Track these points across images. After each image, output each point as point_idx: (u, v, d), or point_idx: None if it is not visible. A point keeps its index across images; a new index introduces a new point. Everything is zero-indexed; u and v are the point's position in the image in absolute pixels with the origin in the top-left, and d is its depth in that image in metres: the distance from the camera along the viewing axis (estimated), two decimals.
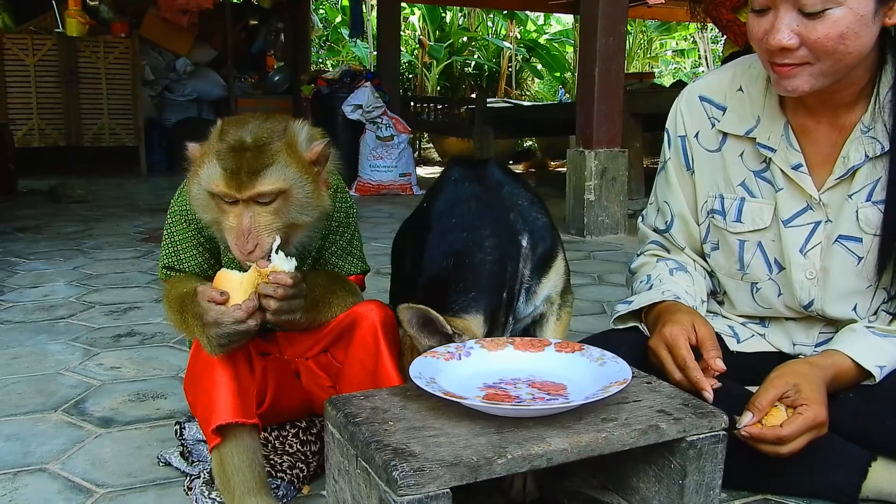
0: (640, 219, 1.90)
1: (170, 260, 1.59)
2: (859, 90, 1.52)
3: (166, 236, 1.60)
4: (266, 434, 1.65)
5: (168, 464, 1.70)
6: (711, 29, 14.17)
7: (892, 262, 1.53)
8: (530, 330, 1.71)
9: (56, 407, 2.05)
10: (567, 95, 14.13)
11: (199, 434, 1.72)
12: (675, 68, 17.27)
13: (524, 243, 1.59)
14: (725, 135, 1.66)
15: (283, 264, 1.38)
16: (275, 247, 1.39)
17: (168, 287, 1.53)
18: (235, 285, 1.37)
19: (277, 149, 1.38)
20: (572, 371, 1.37)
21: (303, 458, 1.64)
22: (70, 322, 2.84)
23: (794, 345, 1.70)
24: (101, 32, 7.62)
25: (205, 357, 1.39)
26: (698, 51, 15.98)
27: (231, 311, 1.34)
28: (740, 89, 1.65)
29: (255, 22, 9.85)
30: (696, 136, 1.71)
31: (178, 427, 1.76)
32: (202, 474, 1.57)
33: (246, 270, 1.39)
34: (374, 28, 11.26)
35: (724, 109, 1.67)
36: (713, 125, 1.68)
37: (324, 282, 1.57)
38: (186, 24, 8.14)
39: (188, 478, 1.60)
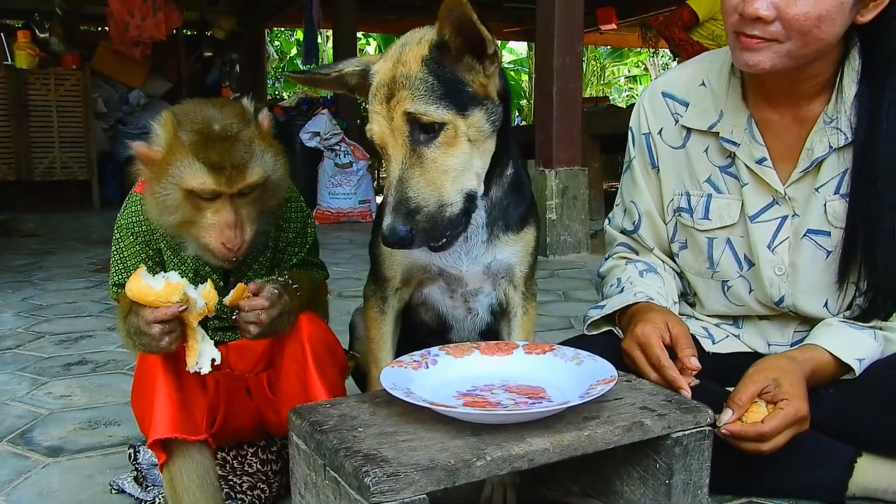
0: (606, 221, 1.86)
1: (119, 277, 1.50)
2: (822, 83, 1.49)
3: (114, 252, 1.52)
4: (224, 454, 1.56)
5: (121, 491, 1.60)
6: (663, 55, 14.46)
7: (857, 258, 1.50)
8: (497, 326, 1.62)
9: (1, 437, 1.92)
10: (523, 122, 14.24)
11: (154, 458, 1.62)
12: (627, 95, 17.58)
13: (508, 171, 1.51)
14: (689, 130, 1.63)
15: (192, 292, 1.26)
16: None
17: (121, 305, 1.44)
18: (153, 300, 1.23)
19: (251, 135, 1.32)
20: (547, 373, 1.31)
21: (264, 478, 1.55)
22: (17, 352, 2.71)
23: (769, 345, 1.66)
24: (52, 65, 7.44)
25: (148, 369, 1.31)
26: (650, 77, 16.30)
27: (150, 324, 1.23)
28: (703, 84, 1.62)
29: (210, 53, 9.77)
30: (660, 133, 1.67)
31: (132, 451, 1.65)
32: (157, 499, 1.48)
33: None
34: (330, 58, 11.25)
35: (686, 105, 1.64)
36: (676, 121, 1.65)
37: (307, 284, 1.49)
38: (139, 57, 8.00)
39: None
